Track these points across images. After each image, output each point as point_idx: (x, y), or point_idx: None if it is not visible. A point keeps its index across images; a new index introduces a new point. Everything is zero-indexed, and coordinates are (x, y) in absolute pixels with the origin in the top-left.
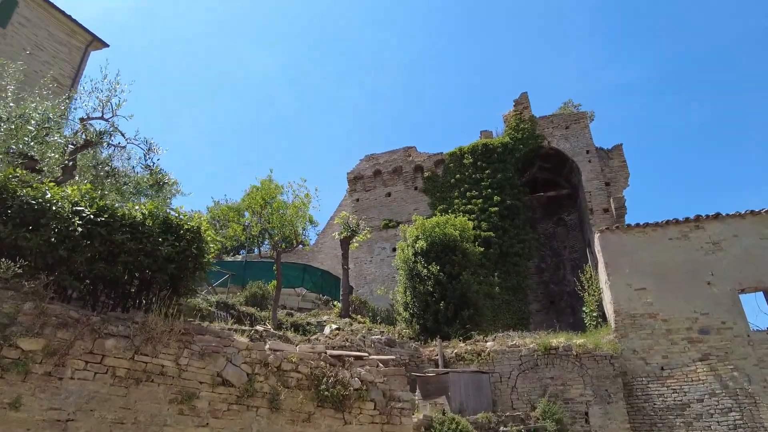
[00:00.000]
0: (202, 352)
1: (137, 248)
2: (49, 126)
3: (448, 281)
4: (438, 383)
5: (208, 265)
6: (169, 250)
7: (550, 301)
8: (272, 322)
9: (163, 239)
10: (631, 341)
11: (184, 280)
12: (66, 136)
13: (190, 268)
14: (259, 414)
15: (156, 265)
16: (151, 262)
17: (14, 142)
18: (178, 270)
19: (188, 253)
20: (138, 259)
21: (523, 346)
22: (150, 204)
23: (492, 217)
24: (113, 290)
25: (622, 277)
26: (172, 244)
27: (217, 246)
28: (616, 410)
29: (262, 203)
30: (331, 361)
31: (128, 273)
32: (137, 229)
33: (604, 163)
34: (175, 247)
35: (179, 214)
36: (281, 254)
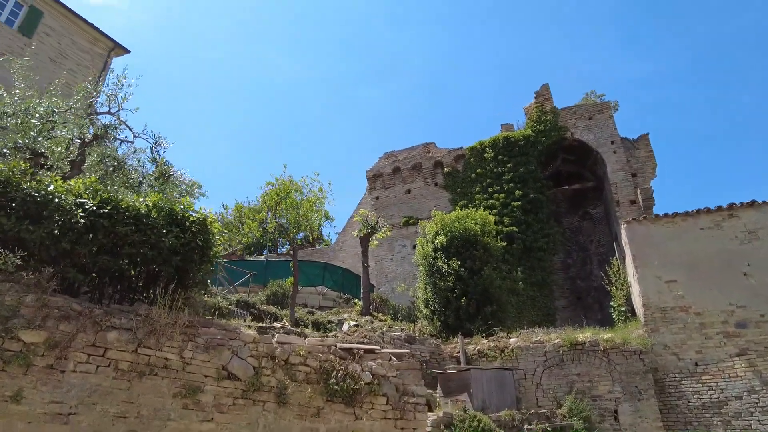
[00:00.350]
0: (207, 345)
1: (141, 240)
2: (54, 120)
3: (469, 277)
4: (459, 380)
5: (215, 258)
6: (173, 241)
7: (576, 297)
8: (290, 319)
9: (167, 231)
10: (662, 336)
11: (190, 272)
12: (72, 131)
13: (196, 261)
14: (266, 408)
15: (161, 258)
16: (155, 254)
17: (20, 136)
18: (184, 262)
19: (193, 245)
20: (142, 251)
21: (548, 342)
22: (154, 196)
23: (515, 212)
24: (119, 283)
25: (651, 269)
26: (177, 236)
27: (224, 238)
28: (647, 408)
29: (277, 199)
30: (341, 355)
31: (133, 265)
32: (141, 221)
33: (630, 154)
34: (179, 239)
35: (184, 205)
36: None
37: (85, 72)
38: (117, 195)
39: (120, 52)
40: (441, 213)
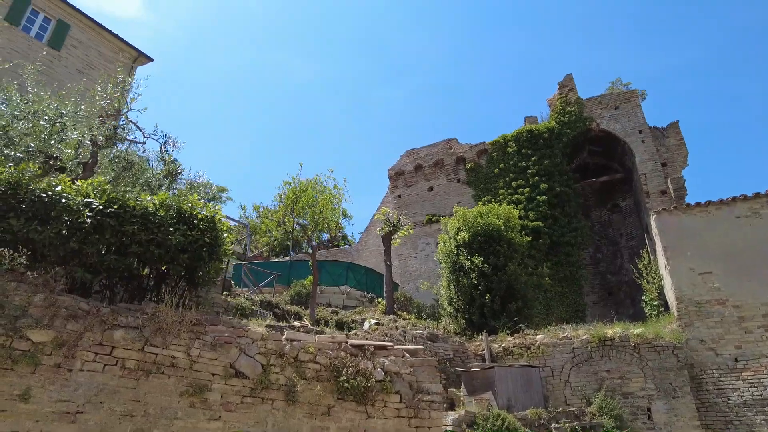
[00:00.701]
0: (215, 343)
1: (149, 239)
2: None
3: (493, 273)
4: (484, 378)
5: (224, 256)
6: (179, 239)
7: (607, 292)
8: (310, 318)
9: (175, 229)
10: (697, 330)
11: (199, 270)
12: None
13: (205, 258)
14: (274, 407)
15: (169, 256)
16: (163, 252)
17: (30, 139)
18: (192, 260)
19: (201, 242)
20: (149, 249)
21: (576, 338)
22: (162, 194)
23: (540, 206)
24: (130, 283)
25: (684, 261)
26: (184, 234)
27: (232, 236)
28: (683, 406)
29: (294, 198)
30: (352, 351)
31: (142, 264)
32: (148, 219)
33: (660, 143)
34: (187, 236)
35: (192, 203)
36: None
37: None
38: (125, 195)
39: (144, 61)
40: (463, 209)
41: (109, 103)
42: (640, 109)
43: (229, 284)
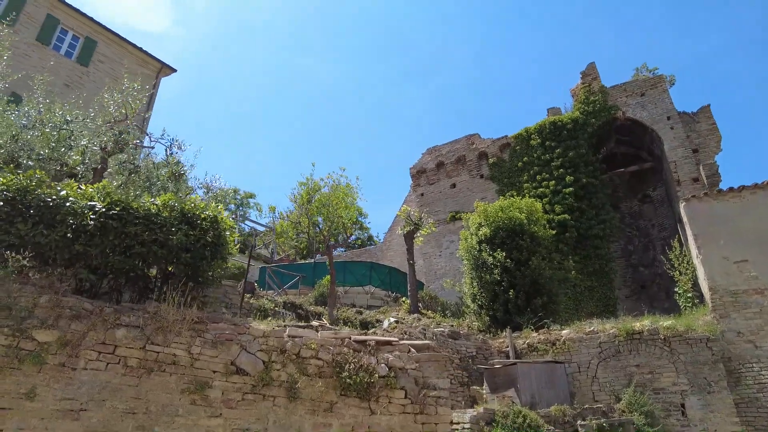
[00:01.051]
0: (216, 341)
1: (152, 239)
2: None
3: (516, 268)
4: (506, 375)
5: (228, 254)
6: (181, 238)
7: (640, 285)
8: (329, 317)
9: (176, 229)
10: (734, 322)
11: (201, 269)
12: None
13: (208, 257)
14: (276, 404)
15: (171, 255)
16: (165, 252)
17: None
18: (194, 259)
19: (203, 241)
20: (152, 250)
21: (602, 332)
22: (164, 196)
23: (566, 199)
24: (136, 283)
25: (717, 249)
26: (186, 234)
27: (235, 234)
28: (719, 401)
29: (307, 198)
30: (355, 347)
31: (146, 264)
32: (151, 220)
33: (690, 129)
34: (189, 236)
35: (195, 203)
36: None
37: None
38: (128, 197)
39: (167, 72)
40: (483, 204)
41: (117, 109)
42: (667, 94)
43: (252, 286)
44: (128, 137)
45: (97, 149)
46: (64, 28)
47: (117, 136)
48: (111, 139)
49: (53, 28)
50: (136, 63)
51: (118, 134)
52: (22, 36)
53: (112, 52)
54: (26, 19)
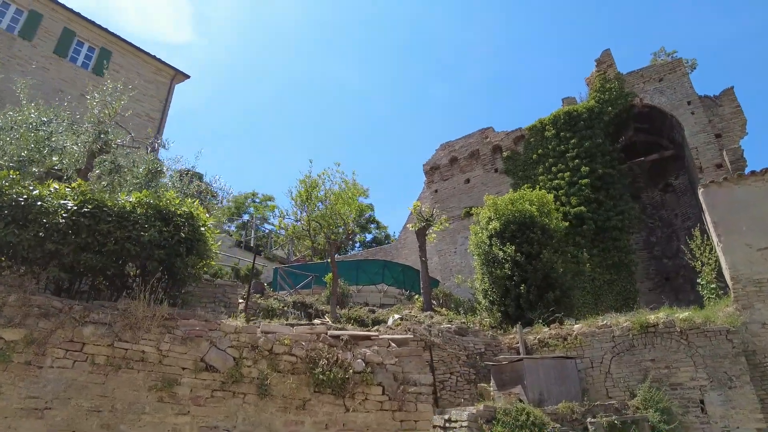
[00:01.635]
0: (185, 337)
1: (124, 236)
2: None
3: (527, 262)
4: (513, 372)
5: (205, 250)
6: (154, 235)
7: (664, 277)
8: (331, 314)
9: (149, 225)
10: (759, 313)
11: (177, 266)
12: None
13: (182, 253)
14: (246, 401)
15: (145, 252)
16: (138, 249)
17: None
18: (169, 255)
19: (178, 237)
20: (125, 247)
21: (615, 326)
22: (137, 193)
23: (583, 190)
24: (112, 282)
25: (739, 236)
26: (160, 230)
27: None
28: (741, 396)
29: (306, 196)
30: (331, 342)
31: (120, 262)
32: (124, 217)
33: (712, 113)
34: (162, 232)
35: (170, 200)
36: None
37: (151, 101)
38: (102, 195)
39: (181, 78)
40: (493, 197)
41: (101, 110)
42: (687, 78)
43: (262, 287)
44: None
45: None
46: (80, 40)
47: (96, 135)
48: (90, 139)
49: (70, 40)
50: (150, 71)
51: (97, 134)
52: (40, 49)
53: (126, 61)
54: (44, 33)
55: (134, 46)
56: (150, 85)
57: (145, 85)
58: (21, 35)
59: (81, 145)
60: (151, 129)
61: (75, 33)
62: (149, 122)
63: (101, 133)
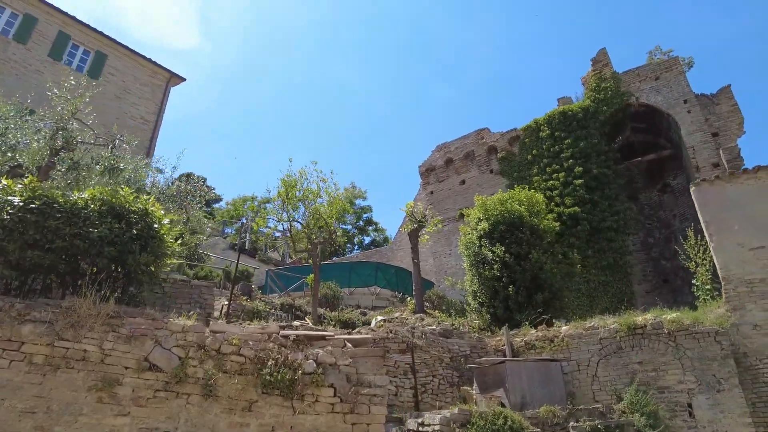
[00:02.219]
0: (130, 336)
1: (73, 233)
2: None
3: (515, 263)
4: (495, 374)
5: (161, 248)
6: (104, 231)
7: (662, 279)
8: (312, 316)
9: (100, 222)
10: (750, 314)
11: (129, 263)
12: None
13: (135, 251)
14: (189, 402)
15: (95, 249)
16: (87, 245)
17: None
18: (120, 252)
19: (130, 235)
20: (74, 244)
21: (603, 328)
22: (90, 189)
23: (577, 191)
24: (63, 279)
25: (731, 236)
26: (111, 226)
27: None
28: (730, 400)
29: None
30: (282, 343)
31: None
32: (74, 213)
33: (709, 111)
34: (113, 229)
35: (125, 196)
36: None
37: (147, 104)
38: (55, 192)
39: (177, 81)
40: (483, 197)
41: (63, 107)
42: (683, 77)
43: (249, 288)
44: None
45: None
46: (75, 43)
47: (54, 132)
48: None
49: (64, 44)
50: (146, 74)
51: (55, 131)
52: (35, 53)
53: (122, 64)
54: (38, 37)
55: (130, 49)
56: (145, 87)
57: (141, 88)
58: (15, 39)
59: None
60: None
61: (70, 36)
62: (144, 125)
63: (59, 130)
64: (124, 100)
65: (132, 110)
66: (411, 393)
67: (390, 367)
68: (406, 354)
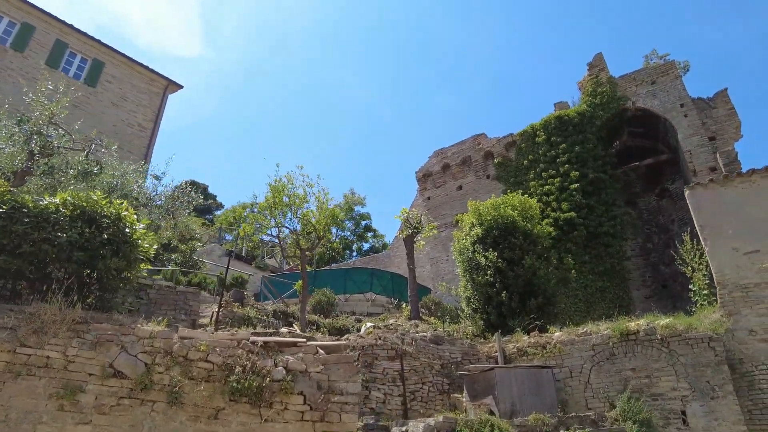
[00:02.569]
0: (95, 342)
1: (43, 238)
2: None
3: (509, 268)
4: (485, 381)
5: (134, 253)
6: (73, 236)
7: (661, 285)
8: (300, 322)
9: (69, 227)
10: (746, 319)
11: (100, 268)
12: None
13: (106, 256)
14: (154, 409)
15: (64, 254)
16: (56, 250)
17: None
18: (90, 258)
19: (101, 239)
20: (42, 249)
21: (595, 334)
22: (62, 194)
23: (573, 195)
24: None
25: (725, 239)
26: (80, 231)
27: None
28: (725, 407)
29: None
30: (252, 349)
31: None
32: (43, 218)
33: (706, 115)
34: (83, 234)
35: (98, 201)
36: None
37: (145, 111)
38: (23, 196)
39: (174, 89)
40: (476, 202)
41: (41, 112)
42: (680, 81)
43: (242, 295)
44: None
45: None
46: (72, 51)
47: (28, 135)
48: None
49: (62, 52)
50: (143, 81)
51: (29, 135)
52: (32, 61)
53: (120, 72)
54: (36, 45)
55: (127, 57)
56: (143, 95)
57: (139, 95)
58: (13, 47)
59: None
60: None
61: (67, 45)
62: (142, 132)
63: (34, 134)
64: (121, 107)
65: (129, 117)
66: (400, 401)
67: (378, 375)
68: (395, 361)
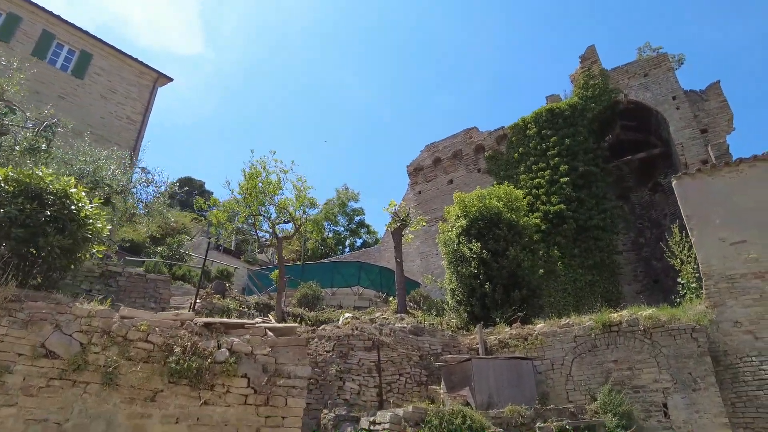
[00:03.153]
0: (27, 320)
1: None
2: None
3: (493, 259)
4: (462, 373)
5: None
6: (11, 211)
7: (653, 279)
8: (276, 313)
9: (9, 202)
10: (731, 310)
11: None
12: None
13: (50, 233)
14: (87, 391)
15: (2, 230)
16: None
17: None
18: (31, 235)
19: (44, 216)
20: None
21: (577, 325)
22: (3, 169)
23: (563, 189)
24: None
25: (712, 230)
26: (21, 207)
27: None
28: (706, 399)
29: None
30: (195, 330)
31: None
32: None
33: (698, 108)
34: (24, 210)
35: (43, 177)
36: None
37: (134, 104)
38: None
39: (164, 81)
40: (461, 194)
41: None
42: (672, 73)
43: (223, 287)
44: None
45: None
46: (59, 42)
47: None
48: None
49: (49, 43)
50: (133, 74)
51: None
52: (18, 51)
53: (108, 64)
54: (22, 36)
55: (116, 49)
56: (132, 87)
57: (128, 88)
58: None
59: None
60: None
61: (55, 36)
62: (130, 124)
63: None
64: (109, 99)
65: (118, 110)
66: (375, 392)
67: (353, 365)
68: (371, 351)
